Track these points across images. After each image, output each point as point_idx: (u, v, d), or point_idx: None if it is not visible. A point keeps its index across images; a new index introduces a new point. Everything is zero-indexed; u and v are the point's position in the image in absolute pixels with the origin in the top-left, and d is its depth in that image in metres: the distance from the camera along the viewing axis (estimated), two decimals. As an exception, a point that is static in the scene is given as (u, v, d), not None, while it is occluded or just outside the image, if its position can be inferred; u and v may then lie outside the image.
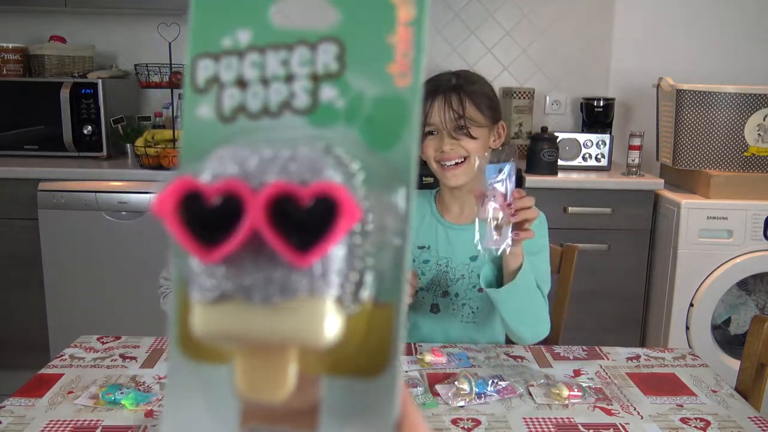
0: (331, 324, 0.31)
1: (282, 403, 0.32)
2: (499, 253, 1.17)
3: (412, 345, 1.35)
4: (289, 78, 0.35)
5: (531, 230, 1.20)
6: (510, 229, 1.17)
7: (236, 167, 0.31)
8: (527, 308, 1.27)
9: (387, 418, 0.34)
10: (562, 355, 1.33)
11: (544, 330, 1.31)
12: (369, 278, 0.33)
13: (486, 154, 1.31)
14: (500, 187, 1.17)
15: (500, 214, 1.16)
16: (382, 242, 0.33)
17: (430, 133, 1.39)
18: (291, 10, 0.36)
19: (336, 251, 0.30)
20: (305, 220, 0.29)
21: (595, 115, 2.94)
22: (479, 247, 1.20)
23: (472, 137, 1.36)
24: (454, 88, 1.37)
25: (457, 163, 1.37)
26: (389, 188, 0.34)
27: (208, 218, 0.30)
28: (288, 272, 0.30)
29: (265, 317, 0.30)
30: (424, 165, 1.44)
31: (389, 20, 0.35)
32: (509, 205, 1.17)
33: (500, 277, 1.29)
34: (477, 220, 1.18)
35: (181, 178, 0.30)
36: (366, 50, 0.35)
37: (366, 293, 0.33)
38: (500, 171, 1.18)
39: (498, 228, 1.16)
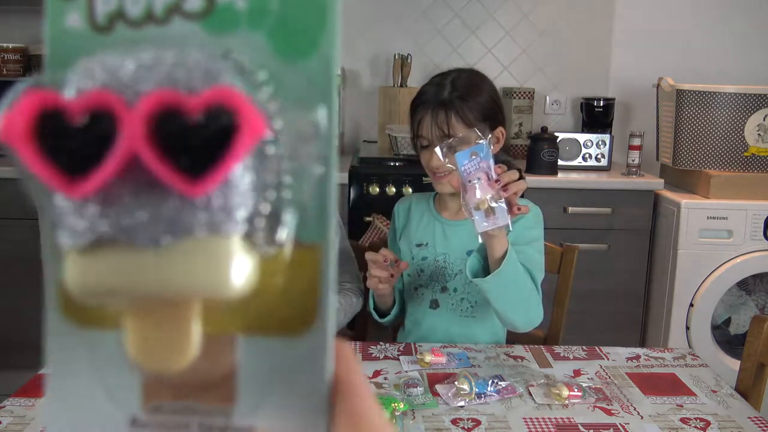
0: (240, 268, 0.25)
1: (187, 371, 0.26)
2: (509, 229, 1.18)
3: (412, 345, 1.35)
4: None
5: (525, 205, 1.23)
6: (505, 205, 1.17)
7: (106, 76, 0.24)
8: (516, 295, 1.27)
9: (317, 382, 0.28)
10: (562, 355, 1.33)
11: (536, 316, 1.32)
12: (287, 215, 0.28)
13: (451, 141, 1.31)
14: (480, 168, 1.17)
15: (488, 195, 1.17)
16: (300, 171, 0.28)
17: (424, 146, 1.41)
18: None
19: (239, 176, 0.24)
20: (197, 138, 0.23)
21: (595, 115, 2.94)
22: (479, 239, 1.21)
23: None
24: (443, 104, 1.36)
25: (445, 174, 1.39)
26: (306, 106, 0.28)
27: (74, 142, 0.24)
28: (179, 206, 0.24)
29: (155, 264, 0.24)
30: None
31: None
32: (496, 181, 1.17)
33: (487, 266, 1.29)
34: (467, 209, 1.19)
35: (35, 91, 0.24)
36: None
37: (284, 233, 0.27)
38: (472, 154, 1.18)
39: (490, 209, 1.16)
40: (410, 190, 2.47)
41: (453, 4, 3.05)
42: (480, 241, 1.23)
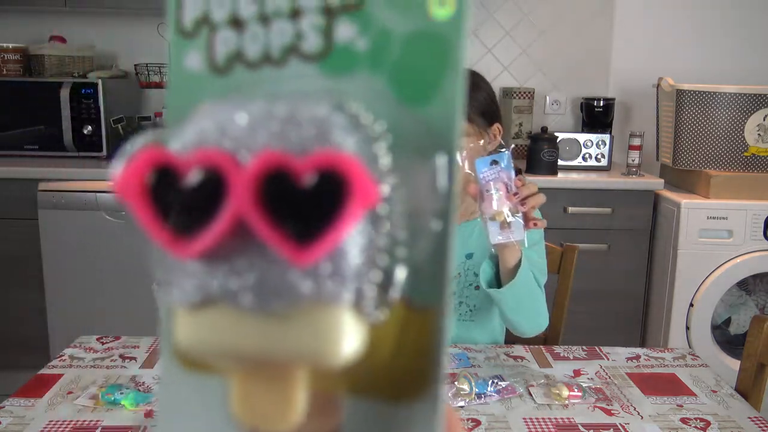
0: (348, 338, 0.24)
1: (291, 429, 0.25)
2: (523, 244, 1.18)
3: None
4: (295, 13, 0.27)
5: (542, 219, 1.21)
6: (522, 219, 1.16)
7: (218, 132, 0.24)
8: (528, 304, 1.28)
9: None
10: (562, 355, 1.33)
11: (543, 322, 1.32)
12: (400, 275, 0.26)
13: (472, 145, 1.31)
14: (499, 178, 1.16)
15: (505, 207, 1.15)
16: (416, 227, 0.26)
17: None
18: None
19: (349, 243, 0.23)
20: (306, 203, 0.22)
21: (595, 115, 2.94)
22: (492, 249, 1.20)
23: None
24: None
25: None
26: (426, 156, 0.26)
27: (184, 200, 0.23)
28: (286, 271, 0.23)
29: (261, 329, 0.24)
30: None
31: None
32: (515, 194, 1.16)
33: (498, 273, 1.29)
34: (482, 217, 1.17)
35: (148, 148, 0.24)
36: None
37: (396, 294, 0.26)
38: (493, 162, 1.17)
39: (506, 222, 1.15)
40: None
41: (453, 4, 3.04)
42: (492, 250, 1.23)
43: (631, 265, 2.60)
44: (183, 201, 0.23)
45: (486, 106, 1.40)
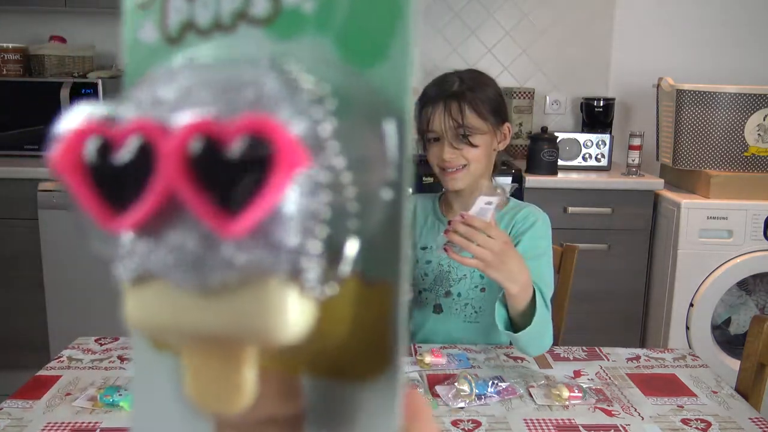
0: (291, 313, 0.23)
1: (252, 410, 0.24)
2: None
3: (412, 346, 1.35)
4: None
5: (457, 255, 1.18)
6: (492, 206, 1.18)
7: (151, 101, 0.23)
8: (538, 334, 1.24)
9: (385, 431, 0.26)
10: (562, 355, 1.33)
11: (548, 343, 1.28)
12: (350, 248, 0.24)
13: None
14: (476, 207, 1.19)
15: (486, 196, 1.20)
16: (366, 196, 0.24)
17: (435, 139, 1.38)
18: None
19: (282, 212, 0.21)
20: (235, 172, 0.21)
21: (595, 115, 2.94)
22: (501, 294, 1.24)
23: (473, 145, 1.36)
24: (455, 95, 1.35)
25: (457, 169, 1.37)
26: (374, 121, 0.25)
27: (118, 173, 0.23)
28: (218, 244, 0.22)
29: (201, 305, 0.23)
30: (426, 165, 1.44)
31: None
32: (462, 216, 1.17)
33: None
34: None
35: (82, 118, 0.23)
36: None
37: (347, 268, 0.24)
38: (487, 202, 1.20)
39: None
40: (410, 190, 2.46)
41: (453, 4, 3.04)
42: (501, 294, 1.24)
43: (631, 265, 2.60)
44: (116, 173, 0.22)
45: (497, 104, 1.39)
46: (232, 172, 0.21)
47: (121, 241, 0.23)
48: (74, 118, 0.24)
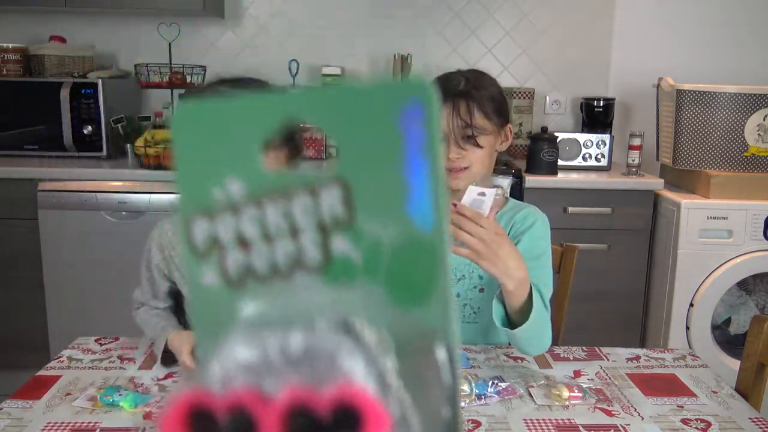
0: None
1: None
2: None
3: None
4: (295, 231, 0.31)
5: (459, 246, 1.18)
6: (492, 198, 1.20)
7: (240, 369, 0.27)
8: (536, 333, 1.24)
9: None
10: (562, 355, 1.33)
11: (547, 343, 1.27)
12: None
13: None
14: (470, 196, 1.19)
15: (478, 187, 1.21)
16: (430, 419, 0.28)
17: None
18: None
19: None
20: None
21: (595, 115, 2.94)
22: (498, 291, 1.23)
23: (479, 146, 1.35)
24: (463, 94, 1.34)
25: (460, 170, 1.37)
26: (426, 352, 0.29)
27: None
28: None
29: None
30: None
31: (398, 146, 0.29)
32: (454, 205, 1.18)
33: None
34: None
35: (187, 391, 0.27)
36: (376, 188, 0.30)
37: None
38: (480, 193, 1.20)
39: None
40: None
41: (453, 4, 3.04)
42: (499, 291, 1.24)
43: (631, 265, 2.60)
44: None
45: (501, 105, 1.39)
46: None
47: None
48: (179, 389, 0.27)
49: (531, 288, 1.20)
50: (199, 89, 1.33)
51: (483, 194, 1.19)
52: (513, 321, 1.23)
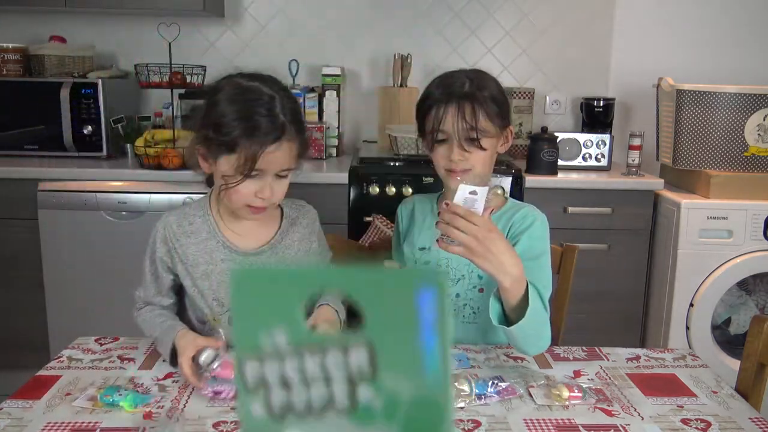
0: None
1: None
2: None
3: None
4: (328, 380, 0.38)
5: (443, 244, 1.19)
6: (485, 194, 1.19)
7: None
8: (534, 332, 1.24)
9: None
10: (562, 355, 1.33)
11: (546, 343, 1.27)
12: None
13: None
14: (461, 197, 1.19)
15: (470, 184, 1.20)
16: None
17: (442, 140, 1.36)
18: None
19: None
20: None
21: (595, 115, 2.94)
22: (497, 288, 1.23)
23: (482, 148, 1.35)
24: (467, 96, 1.33)
25: (462, 171, 1.36)
26: None
27: None
28: None
29: None
30: (427, 165, 1.43)
31: (414, 320, 0.36)
32: (447, 204, 1.18)
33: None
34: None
35: None
36: (395, 352, 0.37)
37: None
38: (471, 192, 1.20)
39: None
40: (410, 190, 2.47)
41: (453, 4, 3.04)
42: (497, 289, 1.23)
43: (631, 265, 2.60)
44: None
45: (504, 106, 1.38)
46: None
47: None
48: None
49: (528, 286, 1.20)
50: (217, 81, 1.32)
51: (475, 193, 1.18)
52: (510, 319, 1.23)
